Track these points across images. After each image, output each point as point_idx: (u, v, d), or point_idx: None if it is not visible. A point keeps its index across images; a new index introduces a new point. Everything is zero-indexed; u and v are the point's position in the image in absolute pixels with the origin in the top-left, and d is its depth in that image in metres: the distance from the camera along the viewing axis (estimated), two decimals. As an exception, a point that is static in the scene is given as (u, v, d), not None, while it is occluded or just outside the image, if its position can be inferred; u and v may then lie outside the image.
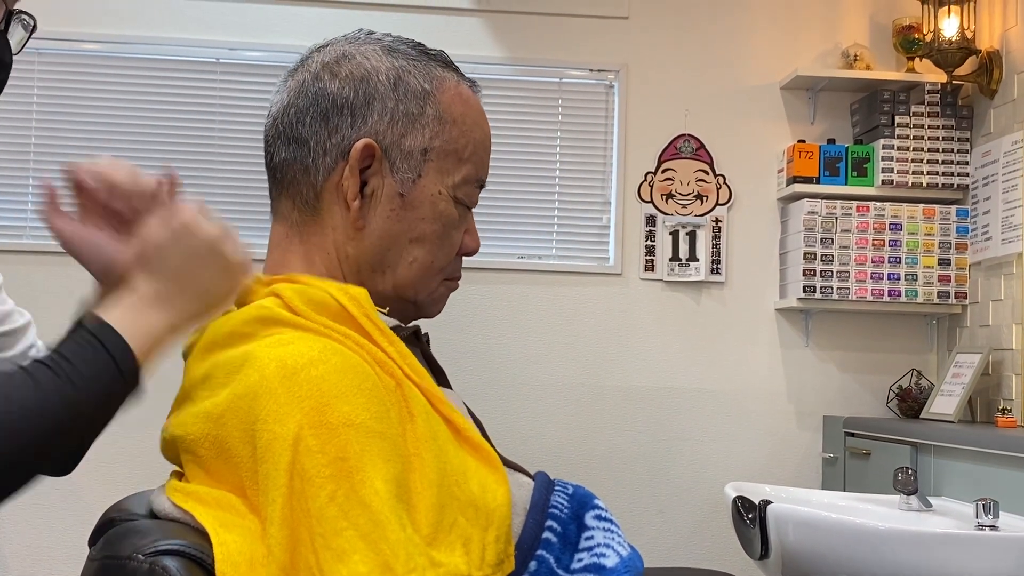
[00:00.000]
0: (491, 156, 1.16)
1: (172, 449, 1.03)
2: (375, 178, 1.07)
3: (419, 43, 1.13)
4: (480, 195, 1.15)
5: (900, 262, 3.47)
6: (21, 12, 1.31)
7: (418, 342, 1.12)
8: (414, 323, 1.14)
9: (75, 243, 1.05)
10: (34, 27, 1.33)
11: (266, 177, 1.15)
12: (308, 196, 1.08)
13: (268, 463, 0.89)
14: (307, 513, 0.87)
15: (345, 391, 0.91)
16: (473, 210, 1.16)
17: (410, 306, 1.12)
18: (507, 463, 1.07)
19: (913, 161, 3.48)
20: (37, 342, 1.57)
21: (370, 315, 1.02)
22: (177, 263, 0.99)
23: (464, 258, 1.19)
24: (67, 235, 1.05)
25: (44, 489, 3.81)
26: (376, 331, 1.01)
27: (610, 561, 1.03)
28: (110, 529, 1.00)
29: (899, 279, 3.47)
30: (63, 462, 0.99)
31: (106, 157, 1.06)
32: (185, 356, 1.08)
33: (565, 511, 1.06)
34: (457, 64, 1.18)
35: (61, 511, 3.37)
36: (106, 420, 0.95)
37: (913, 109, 3.49)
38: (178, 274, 0.98)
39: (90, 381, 0.92)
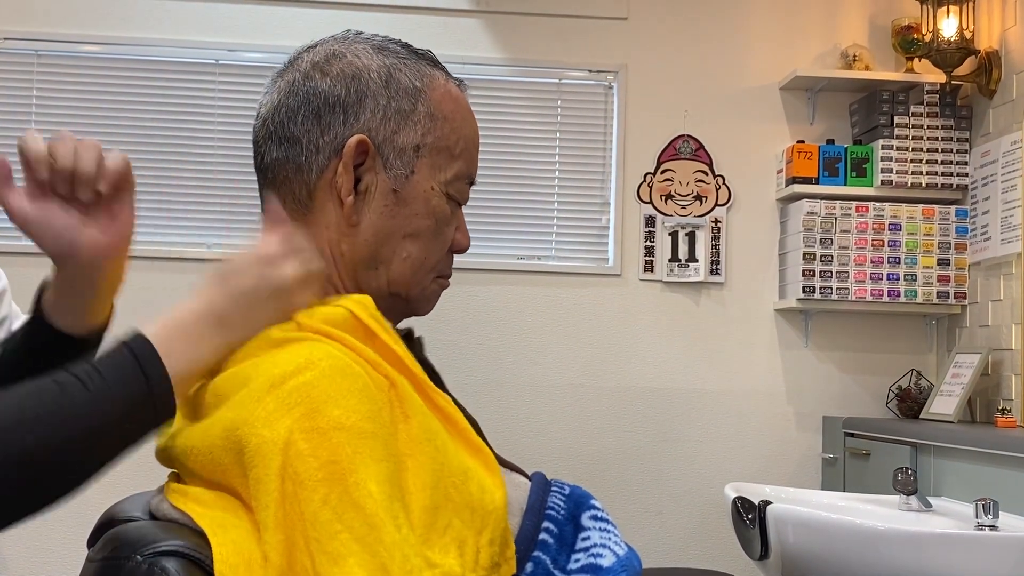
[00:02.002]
0: (491, 156, 1.17)
1: (166, 458, 1.04)
2: (369, 174, 1.07)
3: (407, 43, 1.13)
4: (480, 195, 1.15)
5: (899, 262, 3.47)
6: None
7: (410, 345, 1.12)
8: (407, 327, 1.14)
9: (29, 222, 1.00)
10: None
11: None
12: (301, 195, 1.08)
13: (259, 468, 0.89)
14: (301, 517, 0.87)
15: (334, 395, 0.90)
16: (472, 210, 1.16)
17: (402, 303, 1.12)
18: (504, 463, 1.07)
19: (912, 161, 3.48)
20: (12, 308, 1.53)
21: (376, 316, 1.02)
22: (245, 292, 0.97)
23: (464, 259, 1.19)
24: (18, 212, 0.99)
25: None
26: (382, 331, 1.01)
27: (606, 561, 1.02)
28: (109, 530, 1.00)
29: (898, 279, 3.47)
30: (73, 479, 0.94)
31: (66, 136, 1.01)
32: None
33: (562, 512, 1.06)
34: (455, 66, 1.18)
35: (60, 512, 3.36)
36: (127, 445, 0.91)
37: (912, 109, 3.49)
38: (248, 303, 0.97)
39: (118, 402, 0.88)
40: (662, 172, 3.64)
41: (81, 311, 1.04)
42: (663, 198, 3.63)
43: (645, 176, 3.64)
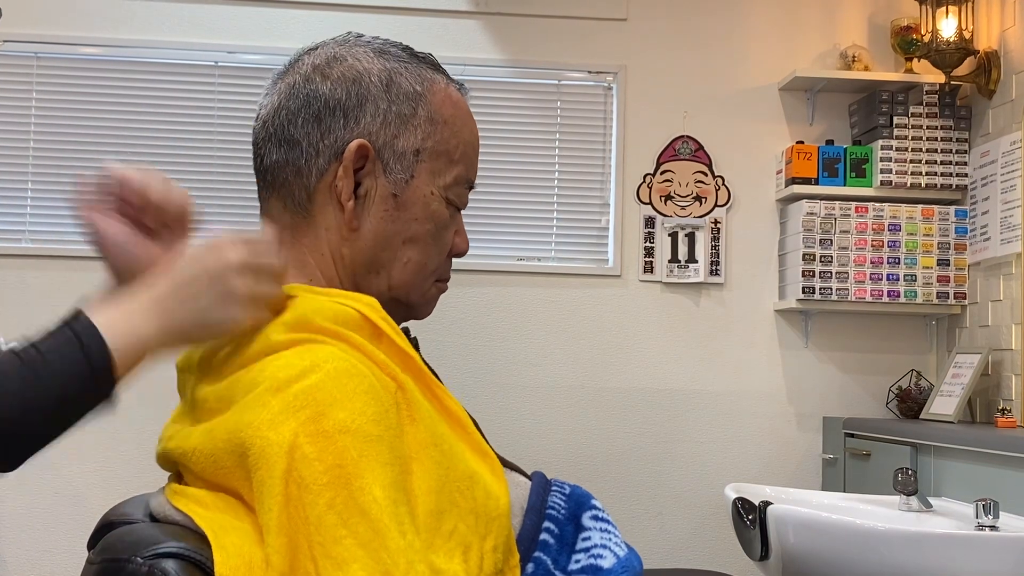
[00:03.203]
0: (490, 157, 1.17)
1: (167, 461, 1.03)
2: (368, 178, 1.07)
3: (408, 46, 1.13)
4: (479, 197, 1.16)
5: (899, 263, 3.47)
6: None
7: None
8: (403, 326, 1.14)
9: (105, 238, 1.02)
10: None
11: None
12: (300, 198, 1.08)
13: (262, 470, 0.89)
14: (305, 521, 0.87)
15: (340, 397, 0.90)
16: (472, 212, 1.16)
17: (402, 307, 1.12)
18: (505, 463, 1.07)
19: (912, 162, 3.48)
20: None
21: (385, 318, 1.03)
22: (184, 277, 0.97)
23: (464, 260, 1.19)
24: (99, 229, 1.02)
25: (43, 492, 3.80)
26: (391, 331, 1.02)
27: (607, 562, 1.03)
28: (109, 532, 1.00)
29: (898, 280, 3.47)
30: (8, 454, 0.91)
31: (140, 167, 1.05)
32: (181, 370, 1.08)
33: (562, 512, 1.06)
34: (455, 67, 1.18)
35: (60, 514, 3.37)
36: (67, 421, 0.91)
37: (912, 110, 3.49)
38: (181, 288, 0.96)
39: (56, 376, 0.88)
40: (661, 173, 3.64)
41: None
42: (663, 199, 3.63)
43: (645, 177, 3.64)
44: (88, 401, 0.91)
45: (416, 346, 1.15)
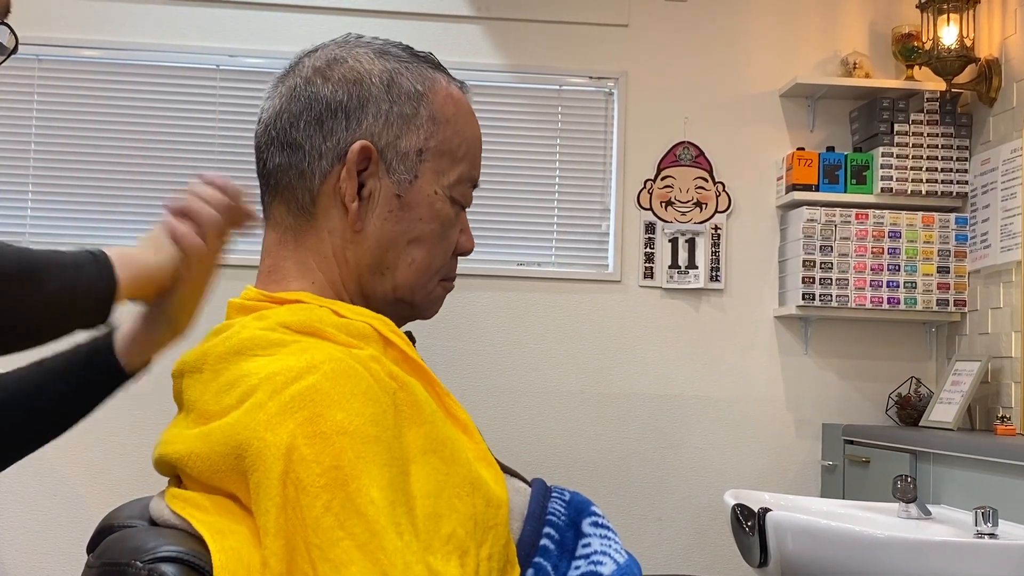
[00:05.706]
0: (491, 162, 1.17)
1: (164, 465, 1.03)
2: (372, 180, 1.07)
3: (408, 46, 1.13)
4: (480, 201, 1.16)
5: (899, 270, 3.47)
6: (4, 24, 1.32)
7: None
8: (406, 329, 1.14)
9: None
10: (14, 49, 1.35)
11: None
12: (303, 201, 1.08)
13: (259, 472, 0.88)
14: (302, 523, 0.86)
15: (338, 398, 0.90)
16: (472, 216, 1.16)
17: (407, 307, 1.12)
18: (504, 469, 1.07)
19: (912, 169, 3.48)
20: None
21: (396, 332, 1.03)
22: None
23: (464, 265, 1.19)
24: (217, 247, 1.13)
25: (43, 495, 3.79)
26: (404, 345, 1.02)
27: (607, 568, 1.02)
28: (108, 535, 1.00)
29: (898, 287, 3.47)
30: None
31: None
32: (176, 377, 1.08)
33: (562, 518, 1.06)
34: (456, 71, 1.18)
35: (60, 518, 3.37)
36: (71, 309, 1.03)
37: (912, 117, 3.50)
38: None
39: (56, 262, 1.01)
40: (662, 179, 3.64)
41: (150, 346, 1.17)
42: (663, 204, 3.63)
43: (645, 183, 3.64)
44: (92, 293, 1.04)
45: (412, 341, 1.15)
